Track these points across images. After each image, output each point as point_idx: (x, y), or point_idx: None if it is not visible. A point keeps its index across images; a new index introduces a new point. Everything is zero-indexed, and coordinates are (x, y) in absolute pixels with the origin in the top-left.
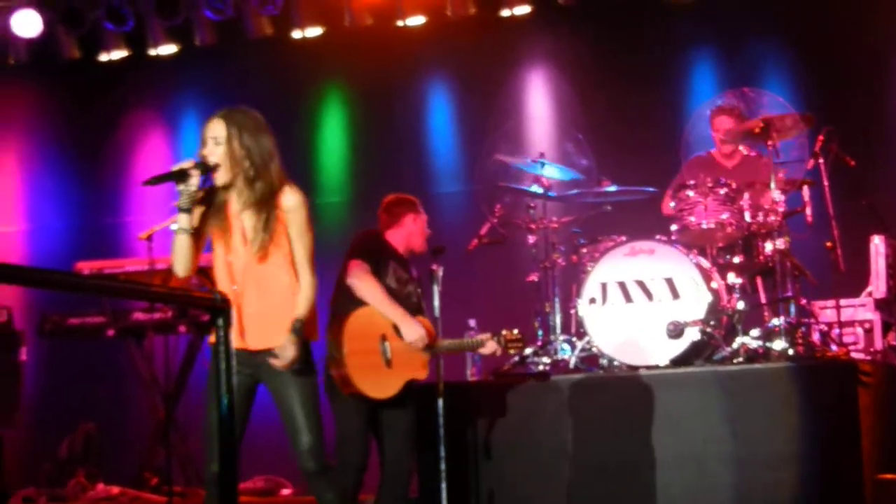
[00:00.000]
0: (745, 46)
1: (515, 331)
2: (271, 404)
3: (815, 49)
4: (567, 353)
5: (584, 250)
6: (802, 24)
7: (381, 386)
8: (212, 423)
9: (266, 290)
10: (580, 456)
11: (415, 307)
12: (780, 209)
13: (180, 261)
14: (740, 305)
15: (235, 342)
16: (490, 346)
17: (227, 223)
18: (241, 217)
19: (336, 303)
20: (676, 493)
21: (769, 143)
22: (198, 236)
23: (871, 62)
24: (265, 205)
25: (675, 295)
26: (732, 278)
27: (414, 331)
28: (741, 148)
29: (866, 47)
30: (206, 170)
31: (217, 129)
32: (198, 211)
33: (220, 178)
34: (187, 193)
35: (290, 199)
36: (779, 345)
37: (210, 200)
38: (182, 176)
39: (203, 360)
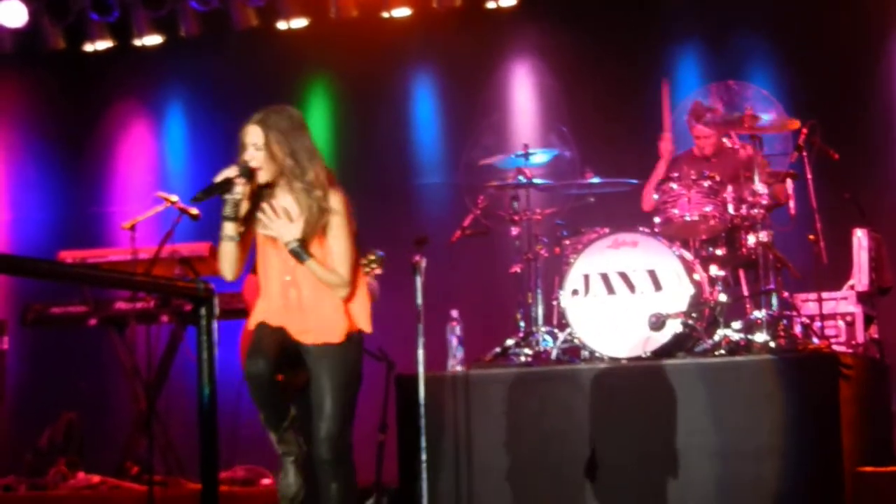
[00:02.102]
0: (730, 39)
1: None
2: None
3: (800, 42)
4: (549, 344)
5: (567, 242)
6: (787, 17)
7: None
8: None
9: (317, 283)
10: (561, 448)
11: None
12: (764, 202)
13: (228, 266)
14: (722, 298)
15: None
16: None
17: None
18: (289, 213)
19: None
20: (658, 485)
21: (752, 136)
22: (244, 240)
23: (856, 55)
24: (314, 201)
25: (658, 287)
26: (715, 271)
27: None
28: (724, 139)
29: (851, 39)
30: (248, 174)
31: (255, 134)
32: (242, 213)
33: (262, 177)
34: (232, 201)
35: (336, 200)
36: (761, 337)
37: (254, 202)
38: (226, 186)
39: (186, 349)
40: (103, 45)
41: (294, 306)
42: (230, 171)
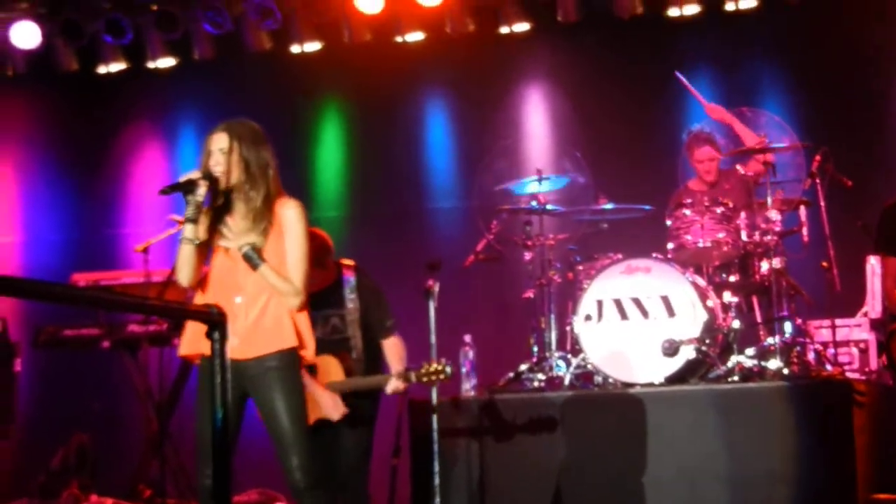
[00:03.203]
0: (744, 65)
1: (436, 365)
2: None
3: (814, 69)
4: (562, 369)
5: (581, 268)
6: (801, 44)
7: None
8: (204, 436)
9: (256, 298)
10: (574, 473)
11: (338, 340)
12: (777, 229)
13: (184, 270)
14: (736, 324)
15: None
16: (393, 385)
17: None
18: (241, 226)
19: None
20: None
21: (766, 163)
22: (203, 247)
23: (868, 83)
24: (261, 214)
25: (671, 313)
26: (728, 297)
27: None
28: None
29: (863, 68)
30: (212, 180)
31: (221, 140)
32: (204, 222)
33: (224, 182)
34: (194, 203)
35: (287, 210)
36: (774, 364)
37: (217, 213)
38: (190, 187)
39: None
40: (117, 67)
41: (237, 316)
42: (194, 174)
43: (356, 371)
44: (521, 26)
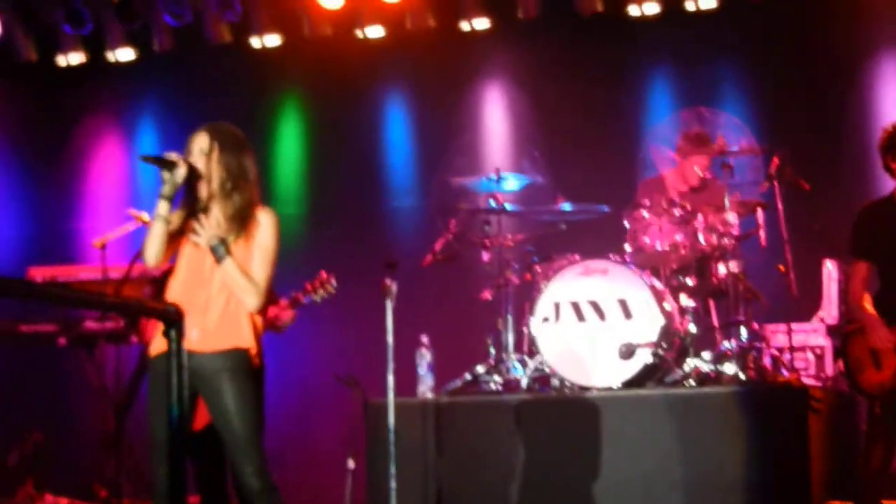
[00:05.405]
0: (703, 66)
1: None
2: None
3: (773, 70)
4: (519, 372)
5: (538, 269)
6: (761, 45)
7: None
8: (158, 435)
9: (220, 293)
10: (530, 476)
11: None
12: (734, 232)
13: (153, 249)
14: (692, 328)
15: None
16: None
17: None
18: (216, 227)
19: None
20: None
21: (724, 165)
22: (173, 235)
23: (828, 85)
24: (236, 220)
25: (628, 316)
26: (685, 300)
27: None
28: (696, 169)
29: (823, 70)
30: (193, 172)
31: (202, 140)
32: (178, 215)
33: (202, 189)
34: (171, 182)
35: (262, 216)
36: (730, 368)
37: (192, 211)
38: (170, 165)
39: None
40: (76, 57)
41: (199, 308)
42: (178, 157)
43: None
44: (482, 22)
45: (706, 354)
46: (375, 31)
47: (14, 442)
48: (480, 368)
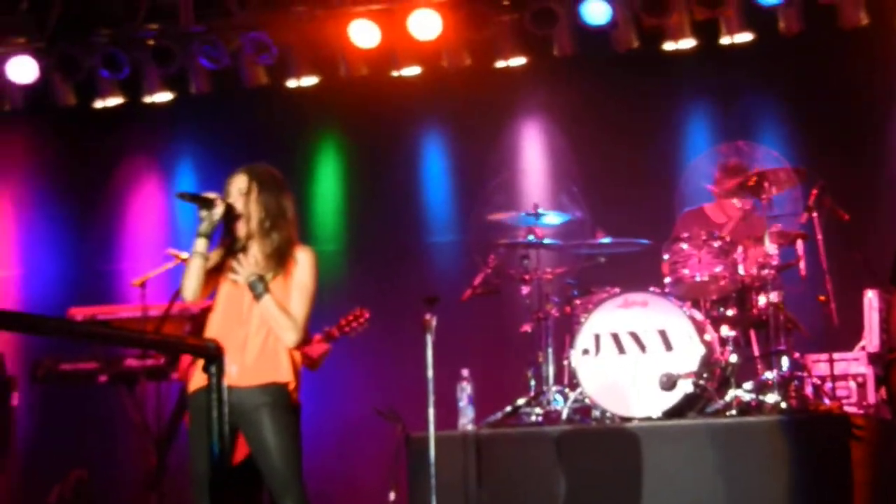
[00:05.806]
0: (741, 100)
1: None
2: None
3: (810, 103)
4: (560, 403)
5: (578, 301)
6: (797, 79)
7: None
8: (199, 470)
9: (259, 330)
10: None
11: None
12: (774, 262)
13: (191, 284)
14: (733, 358)
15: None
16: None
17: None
18: (254, 265)
19: None
20: None
21: (763, 196)
22: (212, 272)
23: (865, 116)
24: (276, 257)
25: (669, 347)
26: (726, 331)
27: None
28: (735, 202)
29: (860, 101)
30: (230, 211)
31: (241, 181)
32: (218, 253)
33: (241, 229)
34: (209, 220)
35: (301, 254)
36: (772, 398)
37: (231, 250)
38: (209, 203)
39: None
40: (114, 101)
41: (237, 345)
42: (216, 196)
43: None
44: (518, 60)
45: (747, 384)
46: (411, 71)
47: (55, 480)
48: (521, 401)
